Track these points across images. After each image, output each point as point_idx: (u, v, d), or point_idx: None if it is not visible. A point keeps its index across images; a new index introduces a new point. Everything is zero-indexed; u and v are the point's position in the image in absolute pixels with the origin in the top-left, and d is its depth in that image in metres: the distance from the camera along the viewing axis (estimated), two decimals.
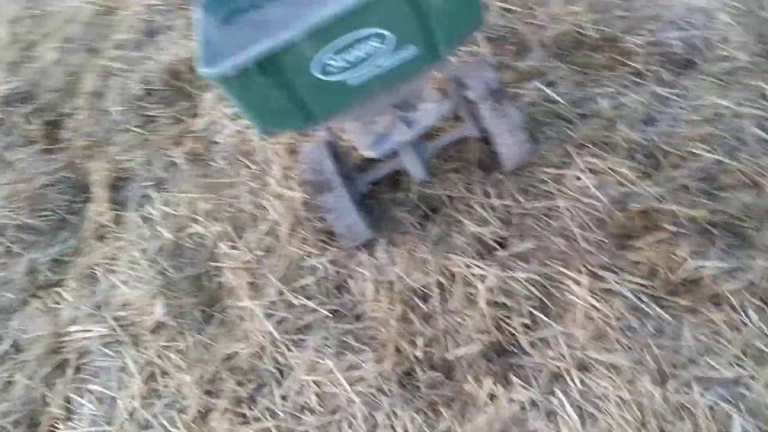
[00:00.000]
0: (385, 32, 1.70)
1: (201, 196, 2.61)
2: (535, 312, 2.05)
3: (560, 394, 1.90)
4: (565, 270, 2.08)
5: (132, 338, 2.36)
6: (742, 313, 1.90)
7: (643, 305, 1.98)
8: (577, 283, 2.04)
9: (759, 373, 1.81)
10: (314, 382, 2.10)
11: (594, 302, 1.99)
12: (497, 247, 2.21)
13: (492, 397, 1.95)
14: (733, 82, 2.31)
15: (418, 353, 2.07)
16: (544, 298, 2.07)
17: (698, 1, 2.55)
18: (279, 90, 1.74)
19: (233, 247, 2.44)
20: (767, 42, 2.36)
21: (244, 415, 2.10)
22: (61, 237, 2.75)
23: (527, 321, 2.04)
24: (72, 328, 2.46)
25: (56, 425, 2.29)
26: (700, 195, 2.11)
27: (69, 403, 2.31)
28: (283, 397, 2.10)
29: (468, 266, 2.16)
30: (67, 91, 3.24)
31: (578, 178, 2.23)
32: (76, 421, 2.26)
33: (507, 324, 2.06)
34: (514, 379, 1.96)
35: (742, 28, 2.42)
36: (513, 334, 2.04)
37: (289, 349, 2.18)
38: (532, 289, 2.08)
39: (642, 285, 2.01)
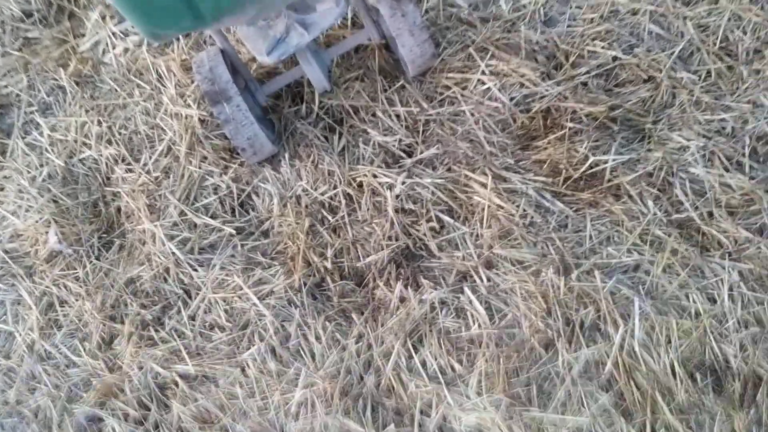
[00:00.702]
0: None
1: (92, 120, 2.45)
2: (442, 216, 2.05)
3: (468, 292, 1.92)
4: (470, 173, 2.08)
5: (25, 269, 2.23)
6: (640, 202, 1.95)
7: (546, 202, 2.00)
8: (483, 185, 2.04)
9: (657, 257, 1.87)
10: (222, 299, 2.04)
11: (499, 202, 2.00)
12: (403, 155, 2.18)
13: (402, 300, 1.95)
14: None
15: (328, 264, 2.04)
16: (450, 202, 2.06)
17: None
18: None
19: (129, 170, 2.32)
20: None
21: (151, 338, 2.03)
22: None
23: (435, 225, 2.04)
24: None
25: None
26: (599, 92, 2.14)
27: None
28: (191, 317, 2.05)
29: (375, 176, 2.13)
30: None
31: (482, 82, 2.21)
32: None
33: (415, 229, 2.05)
34: (424, 281, 1.96)
35: None
36: (421, 239, 2.04)
37: (195, 269, 2.10)
38: (439, 193, 2.07)
39: (544, 183, 2.03)
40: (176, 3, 1.67)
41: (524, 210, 1.98)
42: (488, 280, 1.92)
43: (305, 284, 2.03)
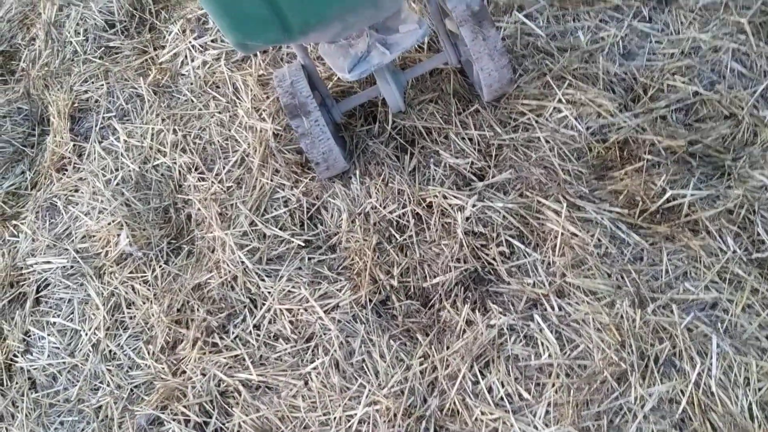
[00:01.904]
0: None
1: (167, 128, 2.50)
2: (513, 241, 2.03)
3: (539, 319, 1.89)
4: (543, 200, 2.06)
5: (95, 270, 2.27)
6: (719, 239, 1.91)
7: (621, 233, 1.97)
8: (556, 212, 2.02)
9: (736, 296, 1.82)
10: (288, 310, 2.04)
11: (573, 230, 1.98)
12: (475, 178, 2.17)
13: (469, 323, 1.93)
14: (712, 18, 2.30)
15: (394, 282, 2.03)
16: (522, 228, 2.04)
17: None
18: None
19: (202, 179, 2.36)
20: None
21: (215, 345, 2.04)
22: (18, 169, 2.62)
23: (505, 249, 2.02)
24: (31, 261, 2.36)
25: (14, 358, 2.19)
26: (678, 126, 2.11)
27: (28, 335, 2.22)
28: (256, 326, 2.05)
29: (445, 197, 2.12)
30: (22, 22, 3.07)
31: (558, 110, 2.20)
32: (36, 354, 2.17)
33: (485, 253, 2.03)
34: (492, 305, 1.94)
35: None
36: (491, 263, 2.02)
37: (262, 279, 2.11)
38: (510, 218, 2.05)
39: (620, 213, 2.00)
40: (267, 16, 1.72)
41: (599, 240, 1.95)
42: (559, 308, 1.89)
43: (371, 301, 2.02)
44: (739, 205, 1.94)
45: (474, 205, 2.08)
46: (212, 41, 2.71)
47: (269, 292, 2.08)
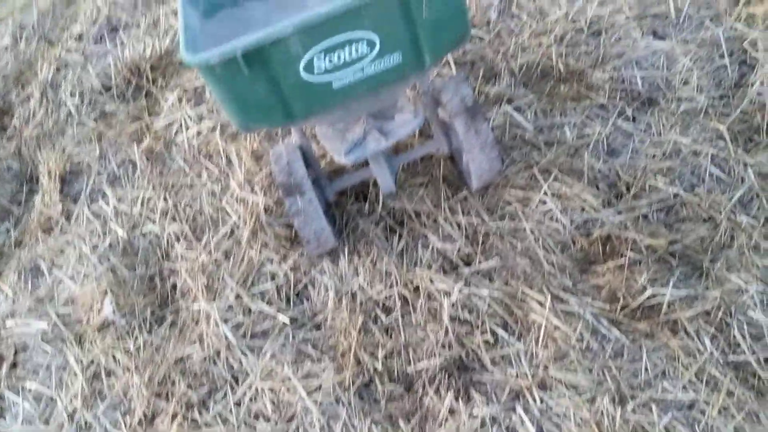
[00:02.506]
0: (375, 37, 1.71)
1: (158, 195, 2.52)
2: (497, 329, 2.06)
3: (521, 412, 1.90)
4: (528, 290, 2.10)
5: (76, 336, 2.25)
6: (697, 340, 1.96)
7: (603, 328, 2.01)
8: (540, 303, 2.06)
9: (712, 398, 1.86)
10: (270, 389, 2.04)
11: (556, 323, 2.02)
12: (462, 263, 2.21)
13: (452, 411, 1.94)
14: (692, 122, 2.41)
15: (378, 365, 2.04)
16: (506, 316, 2.08)
17: (661, 45, 2.67)
18: (263, 85, 1.72)
19: (190, 249, 2.37)
20: (725, 87, 2.48)
21: (195, 420, 2.02)
22: (3, 227, 2.61)
23: (489, 338, 2.05)
24: (9, 322, 2.32)
25: None
26: (659, 225, 2.18)
27: (2, 399, 2.17)
28: (237, 403, 2.04)
29: (432, 281, 2.16)
30: (17, 79, 3.10)
31: (543, 202, 2.27)
32: (9, 420, 2.12)
33: (469, 340, 2.06)
34: (475, 394, 1.95)
35: (701, 73, 2.54)
36: (475, 351, 2.04)
37: (245, 355, 2.11)
38: (496, 307, 2.09)
39: (602, 309, 2.05)
40: (272, 103, 1.77)
41: (581, 334, 1.99)
42: (541, 401, 1.91)
43: (354, 383, 2.02)
44: (716, 307, 2.00)
45: (460, 291, 2.12)
46: (208, 111, 2.76)
47: (252, 369, 2.08)
